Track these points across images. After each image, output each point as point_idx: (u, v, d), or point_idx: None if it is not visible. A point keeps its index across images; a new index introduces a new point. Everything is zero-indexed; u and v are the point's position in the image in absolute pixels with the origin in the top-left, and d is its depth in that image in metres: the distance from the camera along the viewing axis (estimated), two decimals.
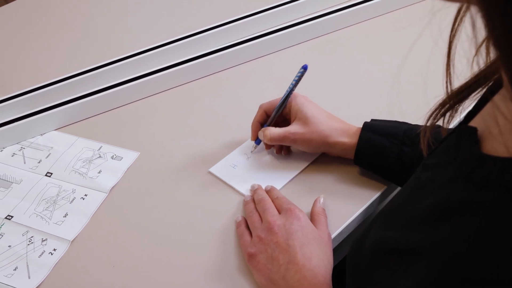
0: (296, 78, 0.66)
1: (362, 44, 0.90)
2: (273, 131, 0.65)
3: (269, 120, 0.68)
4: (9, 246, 0.62)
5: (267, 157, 0.70)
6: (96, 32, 1.01)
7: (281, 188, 0.66)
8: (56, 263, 0.60)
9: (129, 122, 0.78)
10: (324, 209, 0.62)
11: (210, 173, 0.69)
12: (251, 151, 0.70)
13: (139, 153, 0.72)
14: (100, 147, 0.74)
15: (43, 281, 0.59)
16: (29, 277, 0.59)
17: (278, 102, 0.67)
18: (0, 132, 0.74)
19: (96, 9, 1.09)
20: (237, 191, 0.66)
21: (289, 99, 0.67)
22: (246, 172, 0.68)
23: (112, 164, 0.71)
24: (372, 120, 0.65)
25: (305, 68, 0.66)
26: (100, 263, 0.60)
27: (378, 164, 0.62)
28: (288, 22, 0.91)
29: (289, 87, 0.66)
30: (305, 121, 0.64)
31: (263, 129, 0.67)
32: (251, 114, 0.77)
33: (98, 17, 1.06)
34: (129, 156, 0.72)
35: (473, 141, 0.33)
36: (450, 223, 0.31)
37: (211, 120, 0.77)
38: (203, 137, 0.74)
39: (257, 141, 0.70)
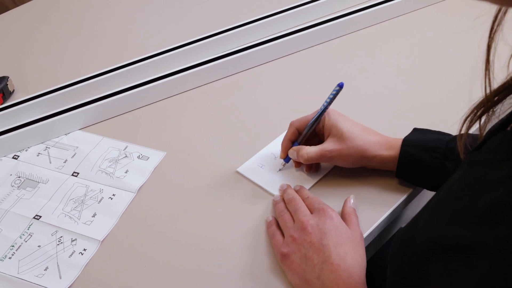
0: (331, 96, 0.64)
1: (384, 43, 0.90)
2: (310, 150, 0.63)
3: (301, 137, 0.66)
4: (39, 246, 0.62)
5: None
6: (121, 31, 1.01)
7: (310, 188, 0.66)
8: (87, 263, 0.60)
9: (153, 121, 0.78)
10: (354, 209, 0.62)
11: (237, 172, 0.68)
12: (279, 169, 0.68)
13: (166, 152, 0.72)
14: (126, 147, 0.74)
15: (75, 281, 0.59)
16: (60, 277, 0.59)
17: (310, 119, 0.65)
18: (24, 131, 0.74)
19: (120, 8, 1.09)
20: (266, 191, 0.66)
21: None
22: (274, 172, 0.68)
23: (139, 164, 0.71)
24: (413, 129, 0.64)
25: (340, 86, 0.63)
26: (131, 263, 0.60)
27: (420, 179, 0.62)
28: (309, 22, 0.91)
29: (323, 105, 0.64)
30: (340, 136, 0.62)
31: (295, 148, 0.65)
32: (276, 114, 0.77)
33: (122, 16, 1.06)
34: (156, 156, 0.72)
35: None
36: None
37: (236, 120, 0.77)
38: (229, 136, 0.74)
39: (287, 159, 0.67)
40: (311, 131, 0.66)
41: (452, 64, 0.84)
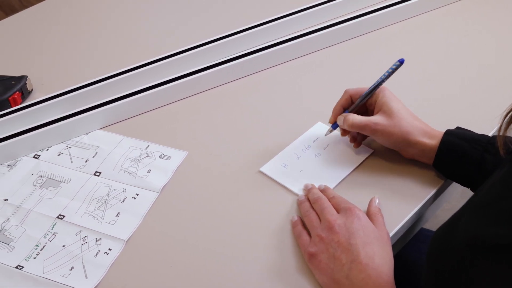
0: (390, 70, 0.65)
1: (401, 43, 0.90)
2: (356, 117, 0.65)
3: (352, 106, 0.67)
4: (63, 246, 0.62)
5: (317, 156, 0.69)
6: (140, 30, 1.00)
7: (334, 187, 0.66)
8: (113, 263, 0.60)
9: (174, 121, 0.78)
10: (379, 209, 0.61)
11: (260, 172, 0.68)
12: (325, 134, 0.70)
13: (187, 152, 0.72)
14: (147, 146, 0.73)
15: (101, 280, 0.58)
16: (86, 277, 0.59)
17: (365, 90, 0.66)
18: (44, 131, 0.74)
19: (138, 6, 1.08)
20: (290, 191, 0.66)
21: (377, 90, 0.66)
22: (297, 172, 0.68)
23: (161, 164, 0.71)
24: (456, 127, 0.64)
25: (401, 62, 0.64)
26: (157, 263, 0.60)
27: (457, 170, 0.62)
28: (326, 22, 0.91)
29: (380, 78, 0.65)
30: (389, 114, 0.63)
31: (344, 114, 0.66)
32: (296, 114, 0.77)
33: (140, 15, 1.06)
34: (178, 156, 0.72)
35: None
36: None
37: (256, 120, 0.77)
38: (250, 136, 0.74)
39: (334, 125, 0.69)
40: (363, 104, 0.67)
41: (470, 64, 0.84)
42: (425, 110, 0.75)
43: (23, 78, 0.83)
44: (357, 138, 0.69)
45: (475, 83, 0.80)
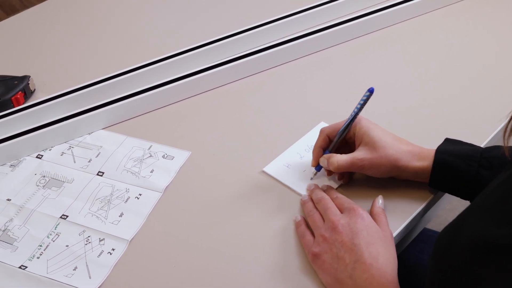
0: (361, 102, 0.63)
1: (405, 42, 0.90)
2: (340, 159, 0.62)
3: (331, 145, 0.65)
4: (67, 246, 0.62)
5: None
6: (142, 30, 1.00)
7: (337, 188, 0.66)
8: (116, 263, 0.60)
9: (177, 121, 0.78)
10: (383, 209, 0.62)
11: (264, 172, 0.68)
12: (311, 178, 0.66)
13: (191, 152, 0.72)
14: (150, 146, 0.73)
15: (105, 281, 0.58)
16: (90, 277, 0.59)
17: (341, 127, 0.64)
18: (47, 131, 0.74)
19: (140, 6, 1.08)
20: (293, 191, 0.66)
21: (353, 123, 0.64)
22: (301, 172, 0.68)
23: (164, 164, 0.71)
24: (445, 140, 0.64)
25: (371, 91, 0.62)
26: (160, 263, 0.60)
27: (455, 187, 0.61)
28: (329, 22, 0.91)
29: (354, 111, 0.63)
30: (372, 145, 0.61)
31: (326, 156, 0.64)
32: (299, 114, 0.77)
33: (143, 14, 1.06)
34: (181, 156, 0.72)
35: None
36: None
37: (259, 120, 0.77)
38: (252, 136, 0.74)
39: (318, 167, 0.66)
40: (342, 139, 0.64)
41: (471, 64, 0.84)
42: (426, 110, 0.76)
43: (25, 78, 0.83)
44: (345, 174, 0.66)
45: (476, 83, 0.80)
